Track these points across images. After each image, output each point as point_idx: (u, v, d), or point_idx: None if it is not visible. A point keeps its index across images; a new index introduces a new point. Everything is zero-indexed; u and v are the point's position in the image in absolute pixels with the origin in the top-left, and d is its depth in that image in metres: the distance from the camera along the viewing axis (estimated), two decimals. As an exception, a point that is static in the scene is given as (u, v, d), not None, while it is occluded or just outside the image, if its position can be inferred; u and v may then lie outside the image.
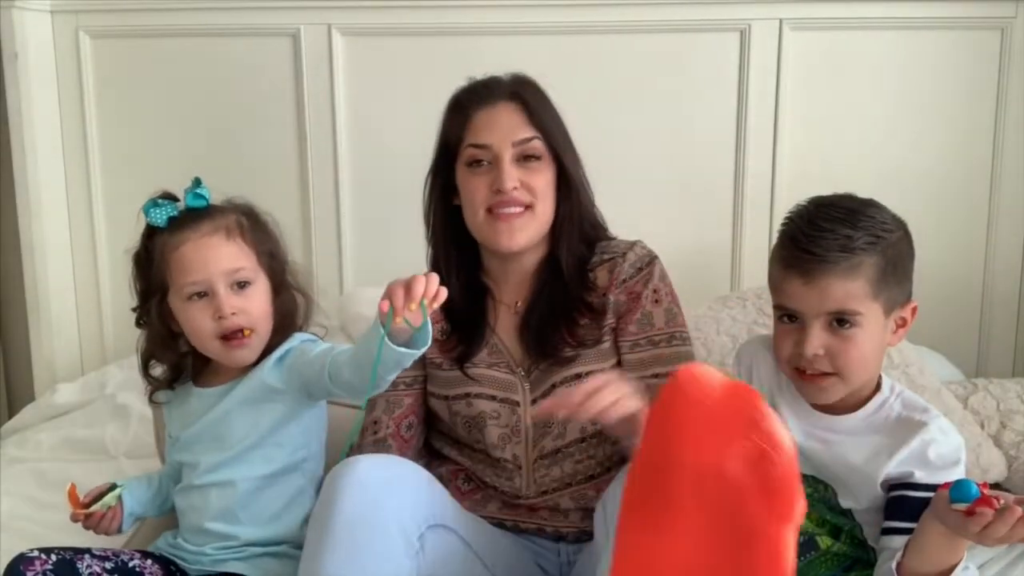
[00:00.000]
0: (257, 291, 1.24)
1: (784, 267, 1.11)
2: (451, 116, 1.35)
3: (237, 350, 1.23)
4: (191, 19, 2.07)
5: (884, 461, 1.09)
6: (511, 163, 1.28)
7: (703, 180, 2.09)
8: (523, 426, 1.32)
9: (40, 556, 1.14)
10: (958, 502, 0.92)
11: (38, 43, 2.05)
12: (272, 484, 1.25)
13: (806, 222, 1.10)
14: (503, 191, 1.27)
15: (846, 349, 1.08)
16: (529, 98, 1.32)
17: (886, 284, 1.08)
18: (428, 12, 2.04)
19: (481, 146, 1.29)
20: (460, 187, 1.33)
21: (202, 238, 1.21)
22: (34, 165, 2.05)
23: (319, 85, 2.07)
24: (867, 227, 1.08)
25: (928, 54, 2.05)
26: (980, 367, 2.13)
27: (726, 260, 2.11)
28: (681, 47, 2.04)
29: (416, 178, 2.20)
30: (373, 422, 1.37)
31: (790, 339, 1.12)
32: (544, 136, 1.30)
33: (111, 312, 2.17)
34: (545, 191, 1.30)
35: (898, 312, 1.13)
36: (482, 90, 1.34)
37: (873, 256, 1.07)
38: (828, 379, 1.10)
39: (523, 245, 1.31)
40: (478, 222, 1.31)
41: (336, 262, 2.15)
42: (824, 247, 1.06)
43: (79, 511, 1.22)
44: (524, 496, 1.32)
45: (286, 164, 2.11)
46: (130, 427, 1.82)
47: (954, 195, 2.09)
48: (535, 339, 1.32)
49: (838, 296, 1.07)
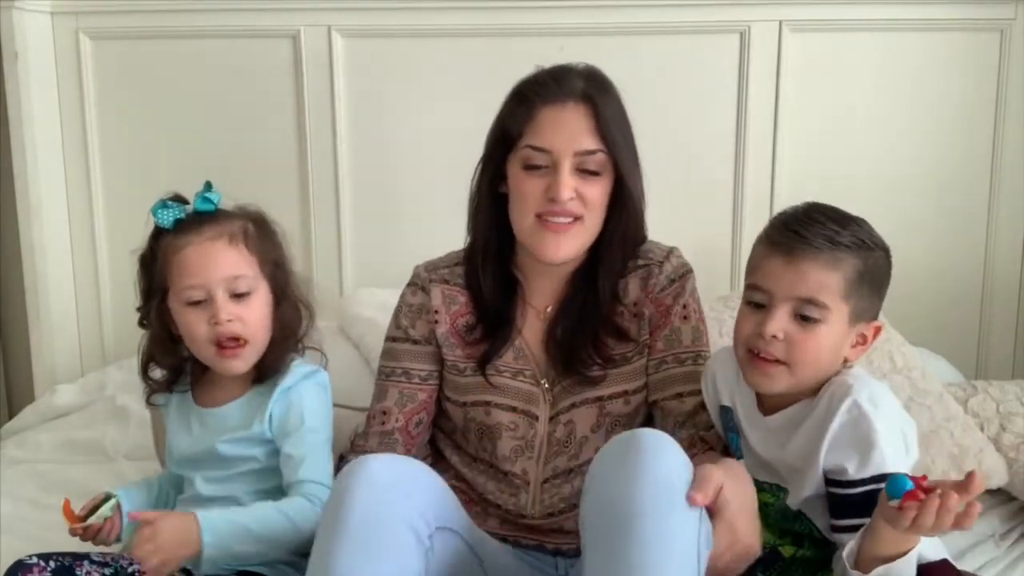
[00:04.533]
0: (256, 301, 1.23)
1: (768, 245, 1.13)
2: (513, 107, 1.25)
3: (230, 360, 1.22)
4: (191, 20, 2.07)
5: (819, 443, 1.07)
6: (570, 173, 1.20)
7: (703, 181, 2.09)
8: (538, 440, 1.28)
9: (38, 563, 1.12)
10: (892, 498, 0.94)
11: (38, 43, 2.04)
12: (276, 496, 1.23)
13: (800, 213, 1.13)
14: (557, 200, 1.19)
15: (804, 340, 1.08)
16: (601, 103, 1.22)
17: (859, 290, 1.09)
18: (428, 13, 2.04)
19: (541, 149, 1.21)
20: (511, 182, 1.25)
21: (204, 242, 1.20)
22: (34, 165, 2.04)
23: (319, 86, 2.07)
24: (854, 231, 1.10)
25: (928, 55, 2.05)
26: (980, 369, 2.13)
27: (726, 260, 2.11)
28: (681, 49, 2.04)
29: (416, 178, 2.21)
30: (382, 411, 1.32)
31: (752, 320, 1.12)
32: (609, 149, 1.21)
33: (111, 312, 2.17)
34: (599, 204, 1.23)
35: (862, 326, 1.12)
36: (551, 84, 1.23)
37: (854, 257, 1.09)
38: (777, 367, 1.10)
39: (567, 257, 1.25)
40: (526, 225, 1.23)
41: (336, 262, 2.14)
42: (812, 233, 1.08)
43: (76, 525, 1.20)
44: (528, 516, 1.28)
45: (286, 164, 2.11)
46: (129, 429, 1.82)
47: (954, 195, 2.09)
48: (561, 351, 1.27)
49: (813, 283, 1.08)
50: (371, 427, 1.33)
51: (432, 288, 1.34)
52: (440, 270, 1.37)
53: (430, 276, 1.36)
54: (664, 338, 1.28)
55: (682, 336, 1.28)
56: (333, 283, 2.13)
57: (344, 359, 1.76)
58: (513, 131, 1.23)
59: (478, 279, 1.32)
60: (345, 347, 1.86)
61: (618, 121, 1.24)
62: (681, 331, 1.28)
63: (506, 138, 1.25)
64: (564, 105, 1.21)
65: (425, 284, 1.35)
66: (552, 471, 1.28)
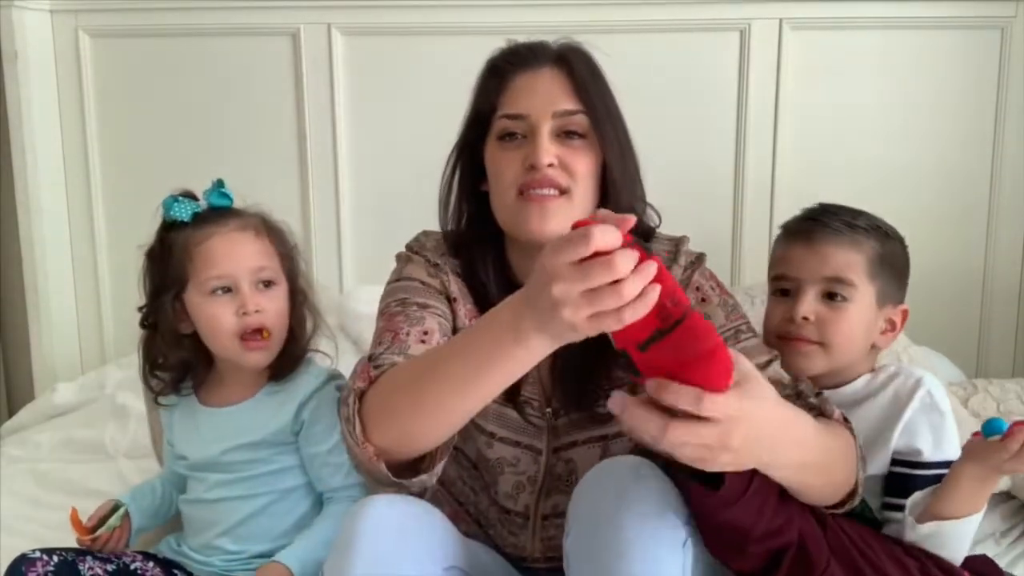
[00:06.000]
0: (279, 293, 1.22)
1: (789, 236, 1.18)
2: (484, 82, 1.15)
3: (254, 352, 1.20)
4: (191, 19, 2.07)
5: (891, 427, 1.10)
6: (549, 137, 1.08)
7: (703, 178, 2.09)
8: (540, 475, 1.16)
9: (42, 557, 1.12)
10: (992, 435, 1.00)
11: (38, 43, 2.05)
12: (283, 500, 1.23)
13: (815, 207, 1.19)
14: (537, 167, 1.07)
15: (836, 319, 1.12)
16: (578, 66, 1.11)
17: (882, 272, 1.14)
18: (428, 12, 2.04)
19: (516, 116, 1.09)
20: (489, 167, 1.13)
21: (231, 232, 1.20)
22: (34, 165, 2.05)
23: (319, 85, 2.07)
24: (870, 219, 1.16)
25: (928, 54, 2.05)
26: (980, 367, 2.13)
27: (726, 258, 2.11)
28: (681, 46, 2.04)
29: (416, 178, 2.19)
30: (424, 332, 1.07)
31: (781, 309, 1.16)
32: (590, 112, 1.10)
33: (111, 311, 2.17)
34: (586, 176, 1.09)
35: (889, 310, 1.16)
36: (524, 52, 1.13)
37: (873, 241, 1.14)
38: (811, 346, 1.13)
39: (555, 233, 1.04)
40: (506, 204, 1.10)
41: (336, 261, 2.15)
42: (829, 218, 1.15)
43: (84, 537, 1.19)
44: (529, 557, 1.17)
45: (286, 164, 2.11)
46: (129, 427, 1.82)
47: (954, 195, 2.09)
48: (565, 380, 1.14)
49: (838, 263, 1.12)
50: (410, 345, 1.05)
51: (451, 277, 1.18)
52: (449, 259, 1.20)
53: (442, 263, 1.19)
54: None
55: (714, 317, 1.12)
56: (333, 281, 2.14)
57: (343, 357, 1.76)
58: (485, 108, 1.13)
59: (486, 294, 1.16)
60: (344, 345, 1.86)
61: (599, 85, 1.13)
62: (708, 315, 1.11)
63: (479, 118, 1.14)
64: (538, 71, 1.11)
65: (443, 270, 1.19)
66: (552, 508, 1.17)
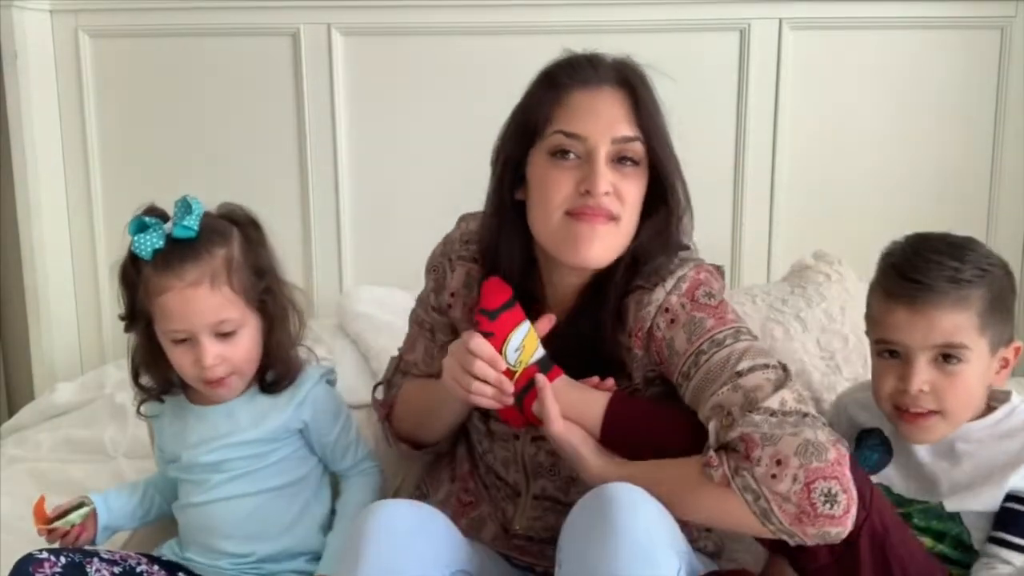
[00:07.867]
0: (243, 337, 1.17)
1: (888, 297, 1.09)
2: (540, 91, 1.11)
3: (219, 389, 1.19)
4: (190, 18, 2.07)
5: (1011, 467, 1.08)
6: (606, 163, 1.07)
7: (702, 179, 2.07)
8: (520, 459, 1.20)
9: (49, 558, 1.10)
10: None
11: (38, 43, 2.04)
12: (281, 495, 1.22)
13: (911, 252, 1.09)
14: (593, 194, 1.05)
15: (952, 385, 1.06)
16: (640, 90, 1.10)
17: (992, 319, 1.07)
18: (428, 12, 2.04)
19: (573, 136, 1.07)
20: (533, 179, 1.10)
21: (186, 288, 1.12)
22: (34, 165, 2.04)
23: (319, 85, 2.07)
24: (973, 260, 1.07)
25: (928, 54, 2.04)
26: (980, 367, 2.13)
27: (726, 259, 2.11)
28: (681, 47, 2.03)
29: (416, 176, 2.20)
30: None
31: (892, 375, 1.10)
32: (647, 139, 1.09)
33: (110, 311, 2.17)
34: (635, 204, 1.09)
35: (1002, 352, 1.11)
36: (584, 66, 1.10)
37: (981, 289, 1.06)
38: (931, 418, 1.09)
39: (599, 259, 1.08)
40: (551, 225, 1.07)
41: (336, 262, 2.14)
42: (932, 277, 1.05)
43: (42, 526, 1.18)
44: (513, 530, 1.21)
45: (286, 164, 2.11)
46: (129, 427, 1.81)
47: (954, 195, 2.09)
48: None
49: (947, 328, 1.05)
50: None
51: (457, 266, 1.23)
52: (470, 246, 1.24)
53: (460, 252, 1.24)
54: (667, 359, 1.08)
55: (675, 344, 1.07)
56: (332, 281, 2.14)
57: (342, 356, 1.77)
58: (539, 118, 1.09)
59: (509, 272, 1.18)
60: (343, 344, 1.86)
61: (656, 111, 1.12)
62: (674, 340, 1.07)
63: (528, 128, 1.10)
64: (598, 89, 1.09)
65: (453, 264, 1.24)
66: (541, 489, 1.20)
